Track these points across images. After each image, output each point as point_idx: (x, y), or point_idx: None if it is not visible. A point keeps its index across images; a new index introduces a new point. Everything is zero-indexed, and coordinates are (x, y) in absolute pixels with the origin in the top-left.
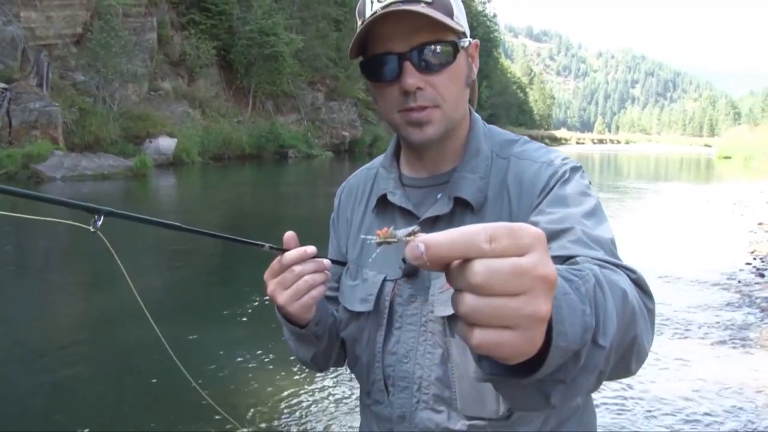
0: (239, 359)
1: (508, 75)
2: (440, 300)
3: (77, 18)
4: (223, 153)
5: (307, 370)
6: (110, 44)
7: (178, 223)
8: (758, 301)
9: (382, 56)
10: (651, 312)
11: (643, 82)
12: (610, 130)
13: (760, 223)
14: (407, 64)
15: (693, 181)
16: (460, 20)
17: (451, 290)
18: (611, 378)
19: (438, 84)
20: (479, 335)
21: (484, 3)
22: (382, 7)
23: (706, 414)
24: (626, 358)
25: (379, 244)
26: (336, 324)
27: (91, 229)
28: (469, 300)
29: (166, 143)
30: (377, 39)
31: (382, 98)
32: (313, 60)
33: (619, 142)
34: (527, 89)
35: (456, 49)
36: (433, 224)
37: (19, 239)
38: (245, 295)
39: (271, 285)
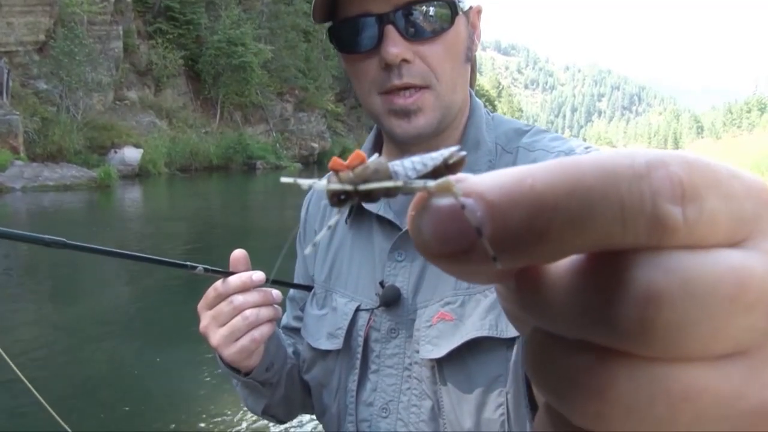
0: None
1: (477, 88)
2: (428, 337)
3: (40, 25)
4: (190, 164)
5: None
6: (74, 52)
7: (63, 239)
8: None
9: (357, 19)
10: None
11: (609, 96)
12: None
13: None
14: (390, 29)
15: None
16: None
17: (441, 323)
18: None
19: (430, 56)
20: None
21: None
22: None
23: None
24: None
25: (336, 196)
26: (298, 365)
27: None
28: (702, 377)
29: (132, 154)
30: None
31: (356, 76)
32: (281, 71)
33: None
34: (496, 102)
35: (454, 11)
36: None
37: None
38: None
39: (205, 319)
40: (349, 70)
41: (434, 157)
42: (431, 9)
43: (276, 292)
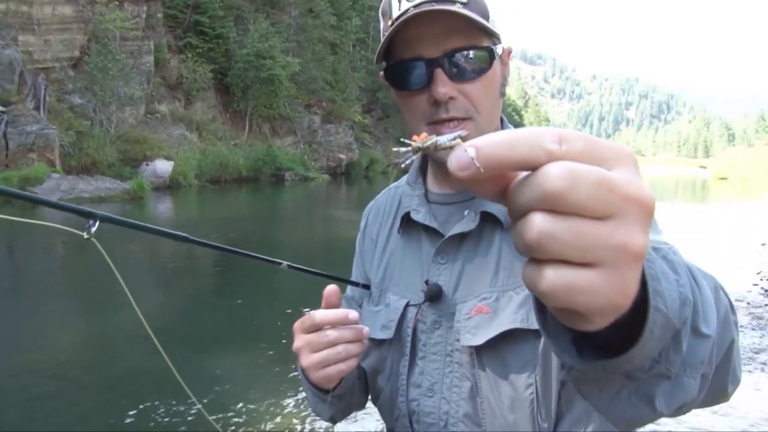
0: (243, 380)
1: (504, 98)
2: (467, 327)
3: (75, 41)
4: (220, 176)
5: None
6: (107, 67)
7: (183, 234)
8: None
9: (410, 62)
10: (736, 325)
11: (637, 104)
12: None
13: (763, 244)
14: (439, 72)
15: (691, 202)
16: (495, 23)
17: (479, 316)
18: (706, 402)
19: (472, 93)
20: (552, 275)
21: None
22: (414, 6)
23: None
24: (724, 372)
25: (416, 151)
26: (360, 379)
27: (85, 235)
28: (539, 221)
29: (163, 166)
30: (405, 42)
31: (407, 109)
32: (309, 83)
33: None
34: (522, 112)
35: (492, 55)
36: (459, 243)
37: (12, 259)
38: (249, 315)
39: (299, 341)
40: (400, 103)
41: (454, 135)
42: (473, 53)
43: (366, 330)
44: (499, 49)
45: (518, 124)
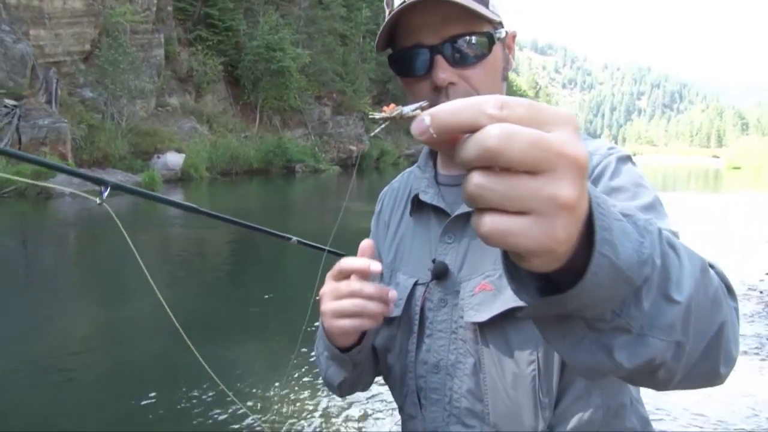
0: (264, 363)
1: (514, 88)
2: (470, 304)
3: (85, 35)
4: (231, 168)
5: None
6: (118, 61)
7: (193, 205)
8: None
9: (411, 49)
10: (736, 311)
11: (649, 94)
12: (616, 143)
13: None
14: (439, 58)
15: (704, 191)
16: (496, 9)
17: (482, 293)
18: (699, 381)
19: (473, 79)
20: (489, 221)
21: None
22: None
23: (731, 425)
24: (713, 354)
25: (385, 120)
26: (370, 359)
27: (98, 201)
28: (476, 177)
29: (174, 159)
30: (406, 30)
31: (412, 95)
32: (319, 75)
33: None
34: None
35: (492, 40)
36: (466, 222)
37: (26, 249)
38: (264, 298)
39: (326, 287)
40: (406, 89)
41: (416, 106)
42: (473, 39)
43: (392, 294)
44: (502, 33)
45: None
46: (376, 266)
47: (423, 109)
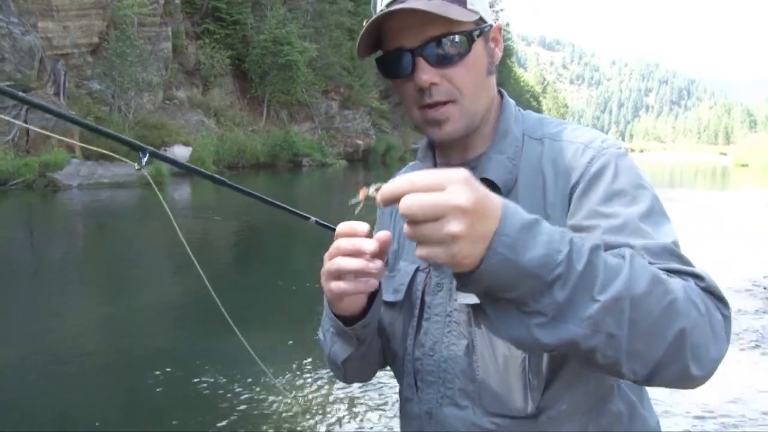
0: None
1: (522, 84)
2: None
3: (93, 28)
4: (238, 162)
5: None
6: (126, 53)
7: (221, 177)
8: None
9: (395, 53)
10: (726, 319)
11: (657, 90)
12: (624, 139)
13: None
14: (419, 60)
15: (712, 188)
16: (476, 5)
17: None
18: (673, 379)
19: (454, 77)
20: (419, 251)
21: (497, 12)
22: (386, 5)
23: (735, 419)
24: (679, 355)
25: (359, 203)
26: (376, 342)
27: (136, 166)
28: (405, 227)
29: (181, 152)
30: (389, 35)
31: (401, 94)
32: (326, 69)
33: (633, 150)
34: (540, 98)
35: (470, 39)
36: None
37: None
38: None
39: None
40: (396, 90)
41: (377, 185)
42: (453, 39)
43: (370, 247)
44: (485, 28)
45: (537, 110)
46: (362, 226)
47: (378, 189)
